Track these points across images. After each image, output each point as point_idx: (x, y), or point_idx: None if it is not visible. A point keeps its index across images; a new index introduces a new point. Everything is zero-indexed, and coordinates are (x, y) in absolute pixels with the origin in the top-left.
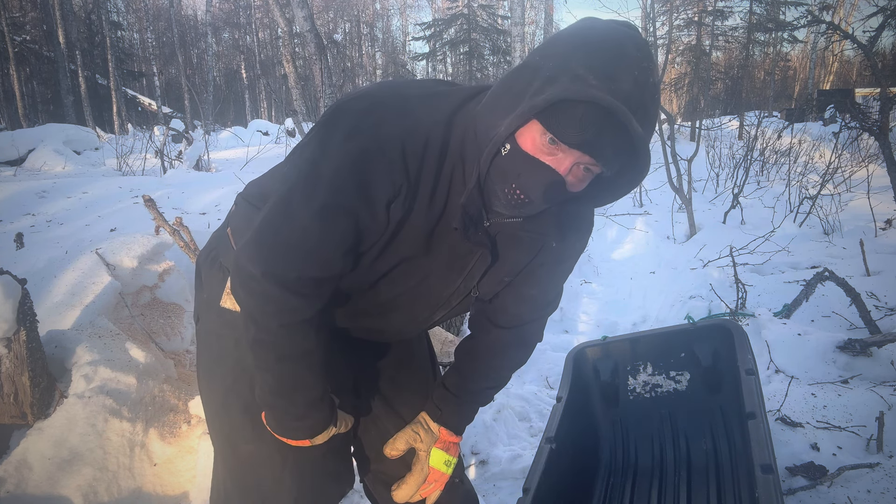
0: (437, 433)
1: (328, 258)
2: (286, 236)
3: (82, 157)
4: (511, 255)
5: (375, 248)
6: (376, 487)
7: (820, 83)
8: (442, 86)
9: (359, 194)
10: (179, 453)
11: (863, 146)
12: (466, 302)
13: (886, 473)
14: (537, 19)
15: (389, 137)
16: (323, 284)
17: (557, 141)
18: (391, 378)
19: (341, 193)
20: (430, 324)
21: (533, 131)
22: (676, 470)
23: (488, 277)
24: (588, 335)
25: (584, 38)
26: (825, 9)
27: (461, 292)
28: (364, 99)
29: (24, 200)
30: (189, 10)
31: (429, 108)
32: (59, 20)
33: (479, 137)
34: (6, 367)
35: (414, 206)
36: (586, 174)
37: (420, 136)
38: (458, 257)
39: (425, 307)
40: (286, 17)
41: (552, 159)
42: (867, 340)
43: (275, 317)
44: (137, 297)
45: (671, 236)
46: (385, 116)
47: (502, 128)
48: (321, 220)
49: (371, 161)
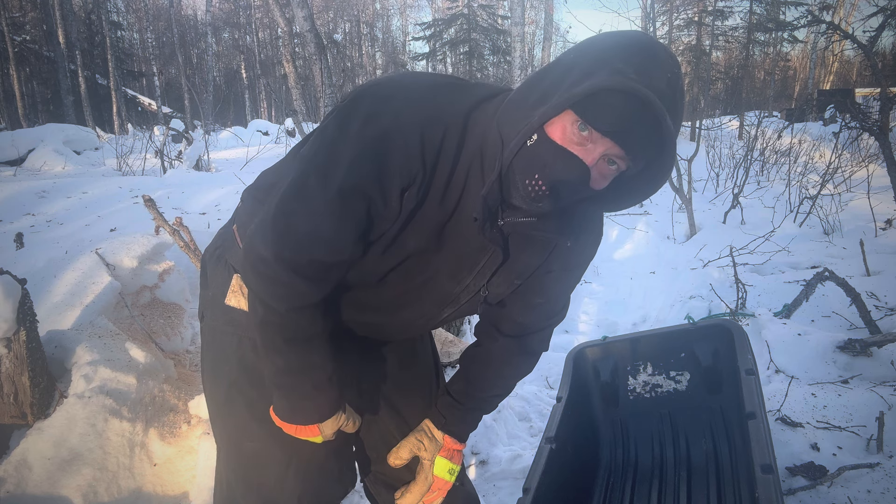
0: (441, 441)
1: (340, 243)
2: (300, 219)
3: (82, 157)
4: (522, 256)
5: (386, 238)
6: (376, 488)
7: (820, 83)
8: (463, 81)
9: (375, 179)
10: (179, 453)
11: (863, 146)
12: (475, 301)
13: (886, 473)
14: (537, 19)
15: (409, 124)
16: (332, 270)
17: (589, 128)
18: (394, 378)
19: (358, 177)
20: (438, 322)
21: (564, 121)
22: (676, 470)
23: (498, 277)
24: (588, 335)
25: (618, 41)
26: (825, 9)
27: (470, 291)
28: (386, 85)
29: (24, 200)
30: (189, 10)
31: (450, 100)
32: (59, 20)
33: (504, 130)
34: (6, 367)
35: (427, 197)
36: (611, 170)
37: (440, 125)
38: (469, 254)
39: (434, 304)
40: (286, 17)
41: (581, 149)
42: (867, 340)
43: (284, 300)
44: (137, 297)
45: (671, 236)
46: (406, 103)
47: (535, 117)
48: (337, 204)
49: (389, 146)
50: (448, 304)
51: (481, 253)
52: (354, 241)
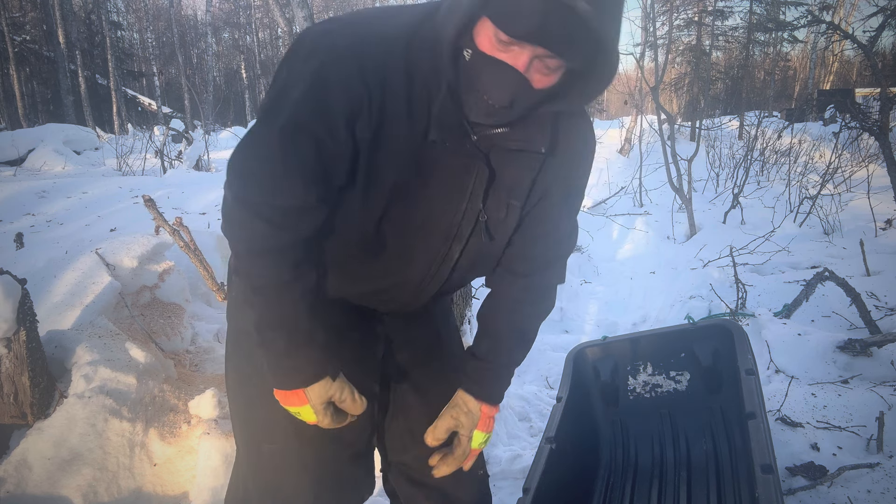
0: (478, 413)
1: (292, 183)
2: (252, 159)
3: (82, 157)
4: (508, 171)
5: (361, 177)
6: (398, 480)
7: (820, 83)
8: (411, 5)
9: (318, 115)
10: (179, 453)
11: (863, 146)
12: (478, 232)
13: (886, 473)
14: None
15: (345, 51)
16: (290, 214)
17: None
18: (421, 365)
19: (300, 112)
20: (450, 269)
21: (487, 29)
22: (676, 470)
23: (492, 198)
24: (588, 335)
25: None
26: (825, 9)
27: (469, 217)
28: (327, 21)
29: (24, 200)
30: (189, 10)
31: (390, 22)
32: (59, 20)
33: (436, 46)
34: (6, 367)
35: (386, 119)
36: (550, 69)
37: (380, 47)
38: (455, 177)
39: (439, 242)
40: (286, 17)
41: (509, 56)
42: (867, 340)
43: (242, 242)
44: (137, 297)
45: (671, 236)
46: (342, 33)
47: (450, 27)
48: (279, 143)
49: (328, 78)
50: (453, 240)
51: (467, 174)
52: (307, 182)
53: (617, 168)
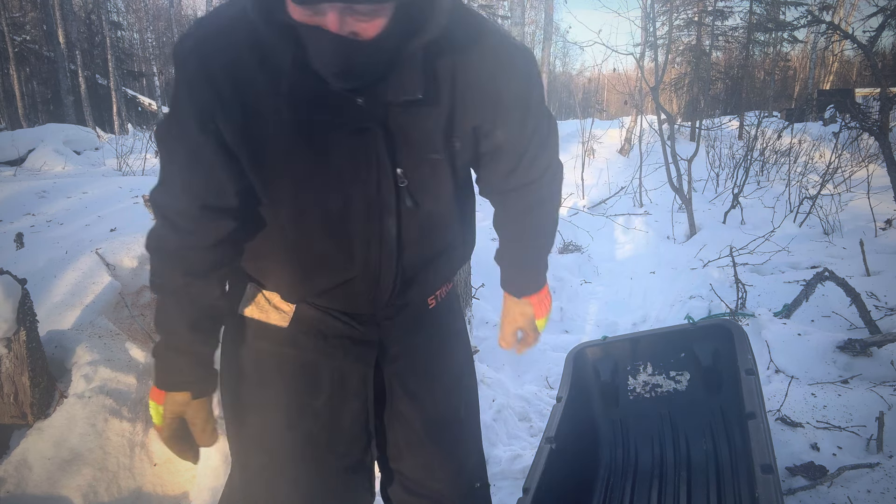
0: (529, 307)
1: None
2: (161, 163)
3: (82, 157)
4: (411, 125)
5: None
6: (393, 488)
7: (820, 83)
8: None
9: (182, 123)
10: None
11: (863, 146)
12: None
13: (886, 473)
14: (537, 19)
15: (189, 55)
16: (186, 218)
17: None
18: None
19: (171, 124)
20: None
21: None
22: (676, 470)
23: (407, 158)
24: (588, 335)
25: None
26: (825, 9)
27: (388, 186)
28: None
29: (24, 200)
30: (189, 10)
31: (230, 7)
32: (59, 20)
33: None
34: (6, 367)
35: (249, 114)
36: (366, 14)
37: (221, 40)
38: (354, 149)
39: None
40: None
41: (320, 19)
42: (867, 340)
43: (148, 238)
44: (137, 297)
45: (671, 236)
46: (193, 34)
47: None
48: (165, 149)
49: (179, 85)
50: (381, 214)
51: (363, 143)
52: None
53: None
